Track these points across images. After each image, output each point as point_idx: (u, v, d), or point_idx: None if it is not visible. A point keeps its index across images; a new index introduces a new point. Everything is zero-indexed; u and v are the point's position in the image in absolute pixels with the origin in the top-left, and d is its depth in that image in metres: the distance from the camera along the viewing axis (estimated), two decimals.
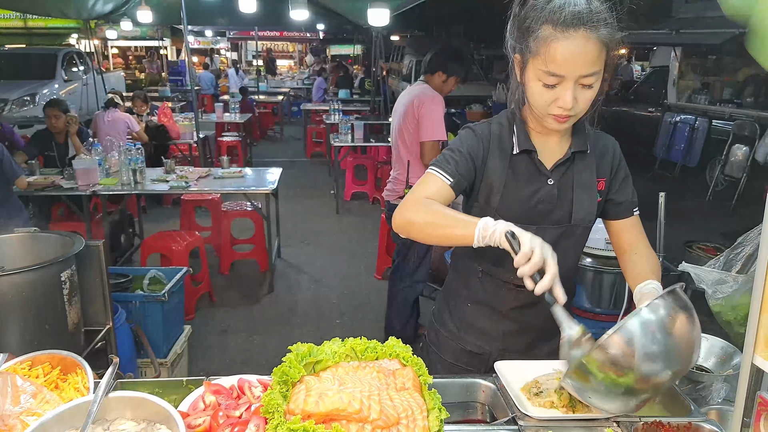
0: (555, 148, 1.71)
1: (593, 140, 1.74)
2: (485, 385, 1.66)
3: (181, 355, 3.89)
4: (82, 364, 1.39)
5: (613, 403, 1.39)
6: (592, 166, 1.72)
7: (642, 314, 1.31)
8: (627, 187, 1.79)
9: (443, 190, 1.64)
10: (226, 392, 1.32)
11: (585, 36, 1.42)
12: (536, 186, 1.69)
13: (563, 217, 1.71)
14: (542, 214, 1.70)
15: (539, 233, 1.62)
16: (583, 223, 1.72)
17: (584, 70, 1.45)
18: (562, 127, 1.59)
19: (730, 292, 2.00)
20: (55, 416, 1.13)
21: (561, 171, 1.70)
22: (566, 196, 1.71)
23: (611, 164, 1.76)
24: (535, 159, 1.69)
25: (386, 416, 1.13)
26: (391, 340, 1.39)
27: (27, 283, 2.19)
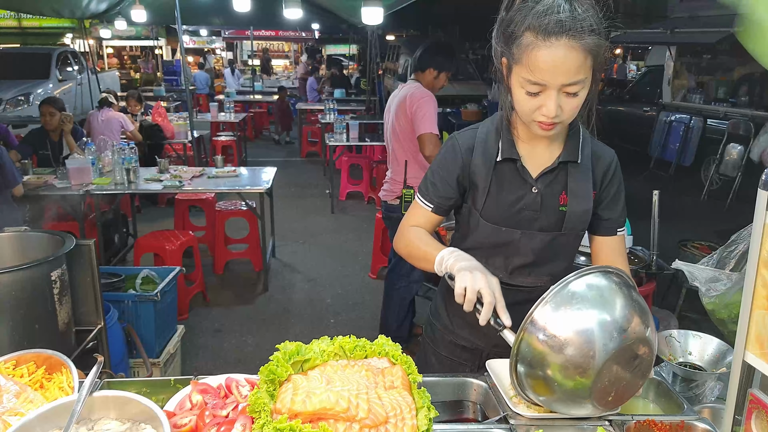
0: (543, 156, 1.69)
1: (592, 150, 1.72)
2: (476, 384, 1.65)
3: (174, 355, 3.87)
4: (68, 364, 1.38)
5: (576, 405, 1.37)
6: (587, 176, 1.69)
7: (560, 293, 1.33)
8: (616, 204, 1.75)
9: (427, 216, 1.78)
10: (213, 391, 1.30)
11: (567, 45, 1.39)
12: (520, 193, 1.68)
13: (552, 224, 1.69)
14: (527, 221, 1.69)
15: (526, 238, 1.68)
16: (574, 231, 1.71)
17: (567, 79, 1.42)
18: (548, 133, 1.57)
19: (724, 290, 1.99)
20: (38, 416, 1.12)
21: (547, 179, 1.68)
22: (552, 205, 1.68)
23: (603, 177, 1.73)
24: (518, 167, 1.68)
25: (374, 415, 1.12)
26: (381, 339, 1.38)
27: (16, 282, 2.16)
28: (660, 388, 1.68)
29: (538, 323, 1.32)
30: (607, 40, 1.47)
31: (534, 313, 1.33)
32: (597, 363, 1.28)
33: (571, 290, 1.34)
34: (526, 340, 1.34)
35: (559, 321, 1.31)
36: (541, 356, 1.31)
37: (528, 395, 1.41)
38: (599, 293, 1.34)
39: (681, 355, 1.82)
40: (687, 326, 3.78)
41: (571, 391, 1.32)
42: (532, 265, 1.74)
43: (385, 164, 4.34)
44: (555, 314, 1.31)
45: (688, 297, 4.66)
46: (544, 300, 1.34)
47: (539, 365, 1.32)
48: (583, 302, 1.32)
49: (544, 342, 1.31)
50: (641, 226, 3.14)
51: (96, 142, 5.97)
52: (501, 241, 1.72)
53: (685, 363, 1.80)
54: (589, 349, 1.28)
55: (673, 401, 1.61)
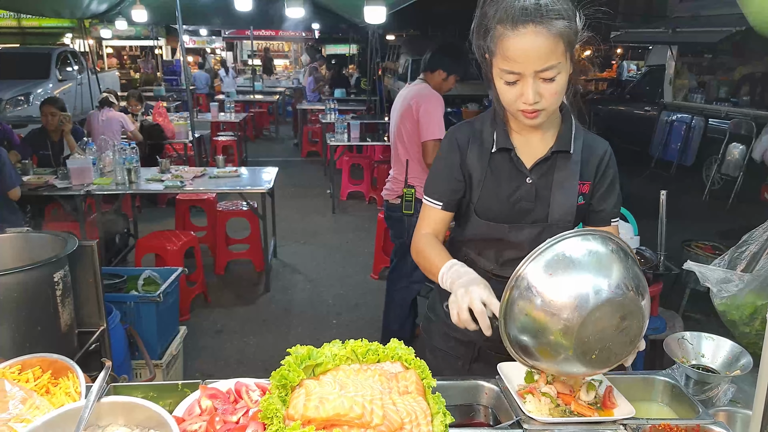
0: (536, 147, 1.71)
1: (585, 142, 1.72)
2: (488, 387, 1.63)
3: (176, 356, 3.84)
4: (74, 368, 1.35)
5: (568, 363, 1.35)
6: (575, 167, 1.70)
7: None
8: (610, 195, 1.77)
9: (438, 215, 1.79)
10: (223, 396, 1.28)
11: (535, 31, 1.43)
12: (516, 184, 1.70)
13: (541, 216, 1.71)
14: (521, 213, 1.71)
15: (515, 232, 1.70)
16: (561, 223, 1.70)
17: (539, 65, 1.46)
18: (534, 122, 1.59)
19: (735, 291, 1.97)
20: (44, 423, 1.09)
21: (541, 170, 1.70)
22: (546, 196, 1.70)
23: (597, 169, 1.73)
24: (513, 157, 1.70)
25: (389, 421, 1.09)
26: (393, 342, 1.35)
27: (19, 284, 2.14)
28: (674, 391, 1.66)
29: (527, 280, 1.35)
30: (584, 25, 1.52)
31: (520, 270, 1.36)
32: (581, 313, 1.28)
33: (560, 249, 1.36)
34: (511, 298, 1.35)
35: (551, 283, 1.32)
36: (525, 309, 1.33)
37: (520, 356, 1.40)
38: (590, 254, 1.34)
39: (694, 357, 1.79)
40: (691, 327, 3.77)
41: (555, 342, 1.31)
42: (522, 258, 1.73)
43: (385, 164, 4.32)
44: (543, 273, 1.34)
45: (692, 298, 4.65)
46: (531, 258, 1.36)
47: (525, 318, 1.33)
48: (574, 262, 1.33)
49: (527, 297, 1.32)
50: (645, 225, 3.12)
51: (97, 142, 5.94)
52: (491, 236, 1.74)
53: (698, 365, 1.77)
54: (575, 298, 1.29)
55: (688, 404, 1.59)
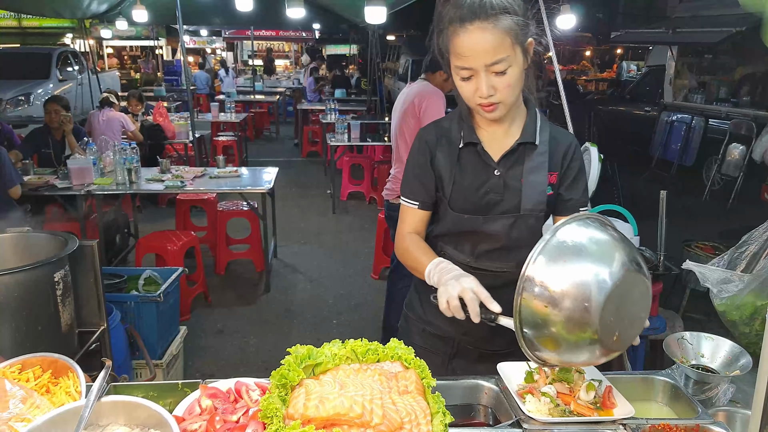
0: (503, 140, 1.76)
1: (551, 134, 1.77)
2: (487, 387, 1.63)
3: (176, 356, 3.84)
4: (74, 368, 1.35)
5: (576, 351, 1.34)
6: (542, 158, 1.74)
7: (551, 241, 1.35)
8: (577, 185, 1.80)
9: (416, 214, 1.85)
10: (223, 396, 1.28)
11: (481, 27, 1.51)
12: (484, 177, 1.75)
13: (513, 206, 1.74)
14: (491, 204, 1.75)
15: (489, 223, 1.74)
16: (533, 213, 1.74)
17: (488, 59, 1.53)
18: (493, 115, 1.65)
19: (735, 291, 1.97)
20: (45, 422, 1.09)
21: (509, 162, 1.75)
22: (515, 187, 1.74)
23: (563, 159, 1.78)
24: (480, 151, 1.75)
25: (389, 421, 1.09)
26: (393, 342, 1.35)
27: (19, 283, 2.14)
28: (673, 391, 1.66)
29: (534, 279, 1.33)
30: (532, 20, 1.60)
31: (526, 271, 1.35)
32: (600, 295, 1.27)
33: (558, 242, 1.36)
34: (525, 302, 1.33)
35: (555, 274, 1.32)
36: (542, 312, 1.31)
37: (537, 355, 1.37)
38: (584, 242, 1.35)
39: (693, 357, 1.79)
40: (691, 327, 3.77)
41: (577, 337, 1.29)
42: (499, 251, 1.79)
43: (386, 164, 4.32)
44: (547, 268, 1.33)
45: (692, 298, 4.65)
46: (533, 257, 1.36)
47: (541, 321, 1.31)
48: (572, 251, 1.33)
49: (541, 295, 1.31)
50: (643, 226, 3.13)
51: (97, 142, 5.94)
52: (467, 228, 1.78)
53: (698, 365, 1.77)
54: (590, 281, 1.28)
55: (687, 404, 1.59)
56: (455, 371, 1.92)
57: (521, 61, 1.58)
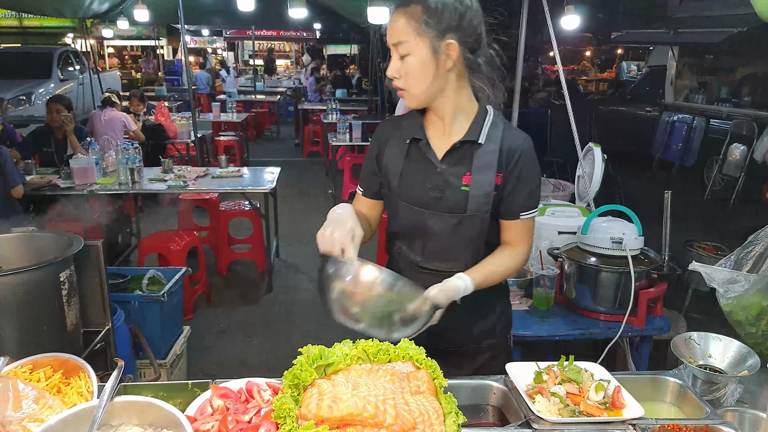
0: (447, 138, 1.78)
1: (503, 134, 1.76)
2: (496, 387, 1.63)
3: (180, 356, 3.84)
4: (85, 368, 1.35)
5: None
6: (490, 158, 1.74)
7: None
8: (521, 189, 1.77)
9: (362, 200, 1.97)
10: (234, 396, 1.28)
11: (396, 12, 1.66)
12: (427, 173, 1.78)
13: (457, 205, 1.75)
14: (433, 201, 1.77)
15: (434, 220, 1.77)
16: (479, 213, 1.74)
17: (393, 39, 1.67)
18: (407, 104, 1.75)
19: (742, 292, 1.97)
20: (58, 422, 1.09)
21: (452, 160, 1.76)
22: (457, 186, 1.75)
23: (510, 161, 1.75)
24: (423, 147, 1.79)
25: (402, 421, 1.09)
26: (404, 342, 1.36)
27: (25, 283, 2.14)
28: (681, 391, 1.66)
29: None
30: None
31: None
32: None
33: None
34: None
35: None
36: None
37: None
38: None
39: (701, 357, 1.80)
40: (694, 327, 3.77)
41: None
42: (446, 250, 1.81)
43: None
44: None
45: (693, 298, 4.65)
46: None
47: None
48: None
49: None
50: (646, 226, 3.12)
51: (99, 142, 5.93)
52: (416, 224, 1.81)
53: (706, 365, 1.77)
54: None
55: (695, 404, 1.59)
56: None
57: (425, 54, 1.64)
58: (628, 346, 2.95)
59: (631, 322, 2.70)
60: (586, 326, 2.80)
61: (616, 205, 2.95)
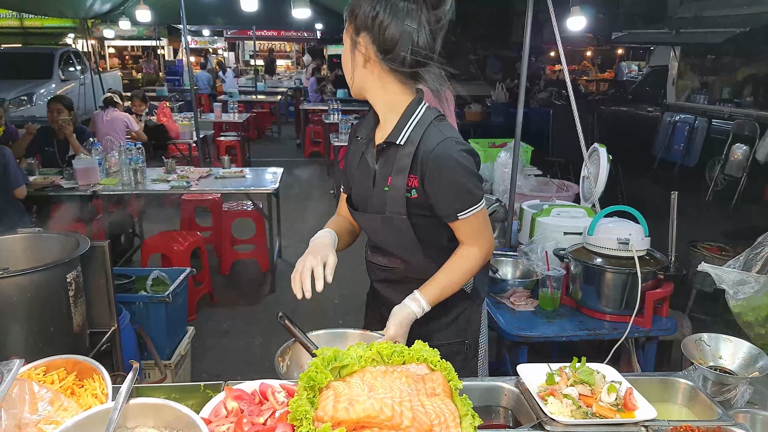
0: (380, 138, 1.79)
1: (423, 136, 1.69)
2: (508, 389, 1.63)
3: (184, 356, 3.84)
4: (100, 370, 1.35)
5: None
6: (407, 161, 1.70)
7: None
8: (444, 192, 1.70)
9: (342, 197, 2.01)
10: (248, 398, 1.27)
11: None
12: (367, 172, 1.82)
13: (379, 206, 1.77)
14: (367, 201, 1.82)
15: (361, 219, 1.86)
16: (395, 215, 1.73)
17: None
18: (351, 93, 1.80)
19: (751, 293, 1.97)
20: (74, 424, 1.09)
21: (382, 160, 1.78)
22: (381, 185, 1.77)
23: (423, 163, 1.69)
24: (361, 145, 1.84)
25: (419, 423, 1.09)
26: (418, 344, 1.35)
27: (32, 284, 2.14)
28: (692, 392, 1.66)
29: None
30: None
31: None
32: None
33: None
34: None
35: None
36: None
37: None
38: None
39: (711, 359, 1.79)
40: (697, 328, 3.76)
41: None
42: (383, 248, 1.87)
43: None
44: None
45: (698, 299, 4.64)
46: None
47: None
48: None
49: None
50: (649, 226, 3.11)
51: (101, 142, 5.93)
52: (357, 221, 1.91)
53: (716, 367, 1.77)
54: None
55: (706, 406, 1.59)
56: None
57: (347, 47, 1.71)
58: (634, 346, 2.94)
59: (637, 323, 2.69)
60: (592, 327, 2.80)
61: (621, 206, 2.94)
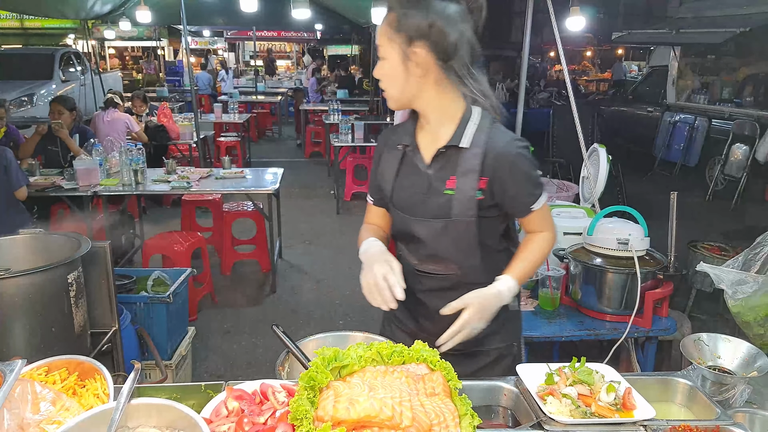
0: (434, 143, 1.78)
1: (488, 138, 1.72)
2: (507, 389, 1.64)
3: (185, 357, 3.85)
4: (101, 370, 1.36)
5: None
6: (474, 163, 1.71)
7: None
8: (520, 187, 1.75)
9: (372, 209, 2.01)
10: (249, 398, 1.28)
11: (386, 17, 1.69)
12: (415, 178, 1.80)
13: (441, 210, 1.75)
14: (418, 205, 1.79)
15: (420, 226, 1.80)
16: (462, 218, 1.73)
17: (377, 42, 1.71)
18: (388, 104, 1.78)
19: (750, 293, 1.98)
20: (76, 424, 1.09)
21: (438, 164, 1.77)
22: (440, 190, 1.75)
23: (495, 164, 1.71)
24: (410, 152, 1.82)
25: (418, 423, 1.10)
26: (417, 344, 1.36)
27: (33, 285, 2.15)
28: (691, 392, 1.66)
29: None
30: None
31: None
32: None
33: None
34: None
35: None
36: None
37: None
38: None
39: (710, 358, 1.80)
40: (697, 328, 3.77)
41: None
42: (437, 254, 1.81)
43: None
44: None
45: (697, 299, 4.65)
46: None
47: None
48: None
49: None
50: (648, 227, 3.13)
51: (102, 143, 5.94)
52: (406, 230, 1.84)
53: (715, 366, 1.78)
54: None
55: (705, 405, 1.60)
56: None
57: (395, 59, 1.67)
58: (633, 346, 2.95)
59: (637, 323, 2.70)
60: (592, 327, 2.81)
61: (621, 206, 2.95)
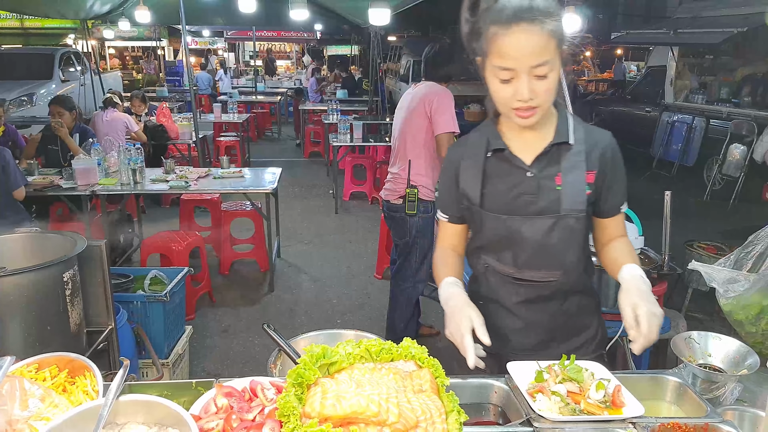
0: (534, 143, 1.75)
1: (586, 133, 1.76)
2: (498, 386, 1.64)
3: (182, 355, 3.86)
4: (91, 367, 1.36)
5: None
6: (579, 158, 1.73)
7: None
8: (618, 184, 1.79)
9: (449, 227, 1.93)
10: (238, 395, 1.29)
11: (527, 29, 1.51)
12: (516, 180, 1.75)
13: (551, 208, 1.73)
14: (525, 205, 1.74)
15: (527, 225, 1.73)
16: (573, 213, 1.72)
17: (533, 61, 1.53)
18: (528, 122, 1.64)
19: (742, 291, 1.99)
20: (64, 421, 1.10)
21: (542, 163, 1.74)
22: (550, 188, 1.73)
23: (601, 158, 1.75)
24: (508, 155, 1.75)
25: (405, 419, 1.10)
26: (406, 341, 1.37)
27: (29, 283, 2.16)
28: (681, 390, 1.67)
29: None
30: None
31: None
32: None
33: None
34: None
35: None
36: None
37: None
38: None
39: (701, 356, 1.81)
40: (694, 327, 3.77)
41: None
42: (540, 257, 1.76)
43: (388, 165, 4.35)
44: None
45: (693, 297, 4.66)
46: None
47: None
48: None
49: None
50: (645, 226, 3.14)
51: (101, 142, 5.95)
52: (505, 233, 1.76)
53: (705, 365, 1.78)
54: None
55: (695, 403, 1.60)
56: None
57: (559, 66, 1.60)
58: (628, 344, 2.95)
59: None
60: None
61: None
